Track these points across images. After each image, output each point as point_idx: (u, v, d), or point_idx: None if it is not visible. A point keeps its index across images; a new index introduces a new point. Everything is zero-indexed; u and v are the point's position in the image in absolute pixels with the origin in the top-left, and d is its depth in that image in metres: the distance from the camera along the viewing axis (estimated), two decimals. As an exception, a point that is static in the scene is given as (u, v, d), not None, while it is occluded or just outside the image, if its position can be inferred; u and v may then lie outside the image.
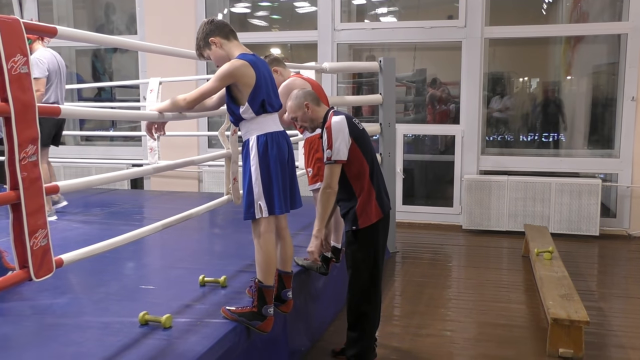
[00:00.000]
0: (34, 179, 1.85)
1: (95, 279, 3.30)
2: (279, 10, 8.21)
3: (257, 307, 2.62)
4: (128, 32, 8.00)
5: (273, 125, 2.65)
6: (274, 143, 2.60)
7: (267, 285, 2.63)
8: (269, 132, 2.60)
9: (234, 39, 2.69)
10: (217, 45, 2.65)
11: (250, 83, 2.55)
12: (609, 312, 4.17)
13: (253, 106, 2.57)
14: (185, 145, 7.11)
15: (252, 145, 2.59)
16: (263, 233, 2.61)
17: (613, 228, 6.46)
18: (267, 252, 2.62)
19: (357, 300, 3.14)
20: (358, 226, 3.04)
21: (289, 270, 2.86)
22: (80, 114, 2.40)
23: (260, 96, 2.57)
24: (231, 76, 2.55)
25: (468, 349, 3.57)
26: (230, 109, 2.65)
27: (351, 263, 3.15)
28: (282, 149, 2.63)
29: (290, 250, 2.87)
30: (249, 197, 2.59)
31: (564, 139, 7.16)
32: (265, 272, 2.63)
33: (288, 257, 2.85)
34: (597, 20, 6.82)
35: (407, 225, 6.84)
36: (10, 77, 1.74)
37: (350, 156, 3.00)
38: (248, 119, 2.61)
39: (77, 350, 2.31)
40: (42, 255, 1.91)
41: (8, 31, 1.74)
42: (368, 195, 3.04)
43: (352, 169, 3.02)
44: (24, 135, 1.80)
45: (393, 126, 5.62)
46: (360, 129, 3.11)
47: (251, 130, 2.61)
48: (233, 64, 2.56)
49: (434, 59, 8.00)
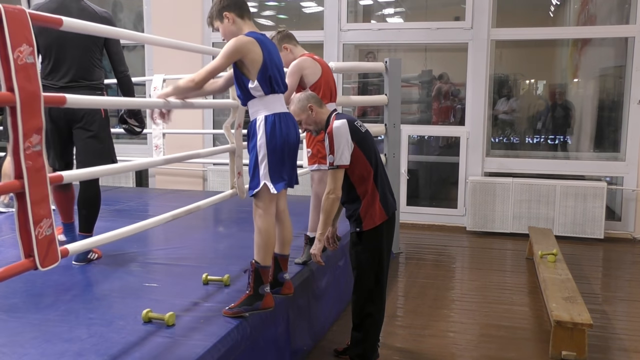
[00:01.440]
0: (38, 168, 1.86)
1: (99, 276, 3.32)
2: (286, 10, 8.22)
3: (253, 289, 2.63)
4: (135, 30, 8.01)
5: (280, 106, 2.67)
6: (282, 124, 2.61)
7: (265, 265, 2.65)
8: (276, 113, 2.62)
9: (247, 19, 2.71)
10: (230, 20, 2.66)
11: (257, 59, 2.55)
12: (612, 315, 4.16)
13: (262, 83, 2.57)
14: (191, 143, 7.12)
15: (260, 124, 2.60)
16: (264, 214, 2.63)
17: (618, 231, 6.44)
18: (267, 232, 2.64)
19: (362, 301, 3.14)
20: (362, 228, 3.04)
21: (287, 253, 2.88)
22: (85, 102, 2.40)
23: (268, 73, 2.58)
24: (237, 52, 2.55)
25: (471, 351, 3.57)
26: (241, 84, 2.64)
27: (356, 264, 3.15)
28: (289, 130, 2.65)
29: (289, 233, 2.89)
30: (254, 175, 2.61)
31: (570, 141, 7.14)
32: (263, 253, 2.64)
33: (286, 240, 2.87)
34: (605, 23, 6.80)
35: (411, 226, 6.84)
36: (16, 67, 1.76)
37: (353, 160, 2.99)
38: (257, 97, 2.61)
39: (80, 346, 2.32)
40: (48, 244, 1.92)
41: (14, 21, 1.75)
42: (372, 198, 3.04)
43: (356, 173, 3.02)
44: (29, 124, 1.81)
45: (398, 127, 5.62)
46: (363, 131, 3.10)
47: (260, 109, 2.62)
48: (239, 39, 2.56)
49: (440, 60, 7.99)
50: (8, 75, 1.75)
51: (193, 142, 7.19)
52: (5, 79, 1.76)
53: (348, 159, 2.97)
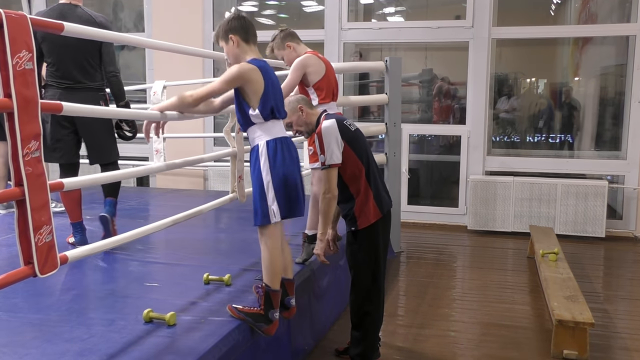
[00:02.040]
0: (38, 174, 1.86)
1: (100, 276, 3.32)
2: (286, 9, 8.22)
3: (263, 310, 2.62)
4: (136, 29, 8.02)
5: (280, 131, 2.65)
6: (284, 148, 2.59)
7: (275, 289, 2.63)
8: (277, 138, 2.60)
9: (252, 44, 2.71)
10: (235, 43, 2.66)
11: (258, 89, 2.55)
12: (614, 314, 4.15)
13: (263, 112, 2.56)
14: (191, 146, 7.11)
15: (262, 150, 2.58)
16: (271, 237, 2.60)
17: (619, 230, 6.43)
18: (275, 256, 2.62)
19: (360, 300, 3.13)
20: (357, 227, 3.04)
21: (291, 276, 2.85)
22: (80, 111, 2.40)
23: (269, 102, 2.57)
24: (239, 79, 2.56)
25: (472, 350, 3.57)
26: (242, 111, 2.63)
27: (352, 263, 3.15)
28: (291, 153, 2.63)
29: (289, 256, 2.87)
30: (262, 202, 2.56)
31: (571, 140, 7.13)
32: (272, 276, 2.62)
33: (288, 263, 2.84)
34: (606, 21, 6.79)
35: (412, 225, 6.83)
36: (15, 73, 1.75)
37: (344, 159, 2.99)
38: (257, 124, 2.60)
39: (81, 346, 2.32)
40: (47, 251, 1.92)
41: (15, 27, 1.75)
42: (365, 196, 3.03)
43: (347, 172, 3.01)
44: (26, 130, 1.81)
45: (399, 126, 5.61)
46: (353, 130, 3.10)
47: (260, 135, 2.60)
48: (242, 67, 2.56)
49: (441, 59, 7.98)
50: (6, 81, 1.75)
51: (194, 145, 7.18)
52: (4, 85, 1.75)
53: (339, 157, 2.97)
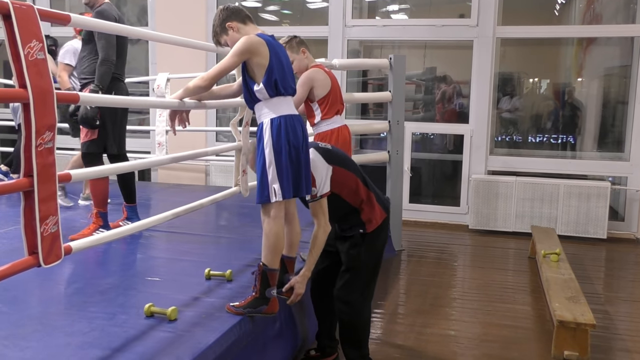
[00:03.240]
0: (48, 165, 1.86)
1: (101, 270, 3.31)
2: (290, 5, 8.19)
3: (259, 292, 2.62)
4: (139, 23, 8.00)
5: (287, 108, 2.62)
6: (288, 126, 2.57)
7: (272, 268, 2.63)
8: (282, 115, 2.58)
9: (250, 23, 2.71)
10: (235, 29, 2.66)
11: (263, 62, 2.54)
12: (615, 316, 4.15)
13: (267, 87, 2.55)
14: (193, 140, 7.11)
15: (266, 128, 2.57)
16: (273, 217, 2.59)
17: (621, 231, 6.43)
18: (276, 236, 2.60)
19: (360, 300, 3.04)
20: (366, 230, 2.97)
21: (294, 255, 2.86)
22: (98, 101, 2.40)
23: (273, 76, 2.56)
24: (247, 51, 2.55)
25: (472, 349, 3.56)
26: (247, 87, 2.63)
27: (354, 264, 3.01)
28: (297, 133, 2.60)
29: (298, 235, 2.85)
30: (262, 180, 2.57)
31: (574, 140, 7.12)
32: (271, 256, 2.62)
33: (294, 243, 2.84)
34: (611, 22, 6.77)
35: (414, 223, 6.83)
36: (28, 63, 1.75)
37: (339, 179, 2.89)
38: (263, 100, 2.59)
39: (82, 340, 2.32)
40: (52, 241, 1.92)
41: (23, 17, 1.75)
42: (369, 202, 2.98)
43: (344, 190, 2.92)
44: (42, 121, 1.81)
45: (402, 124, 5.60)
46: (331, 148, 3.00)
47: (265, 112, 2.59)
48: (250, 38, 2.56)
49: (445, 58, 7.97)
50: (20, 71, 1.75)
51: (196, 139, 7.18)
52: (18, 76, 1.76)
53: (328, 185, 2.86)
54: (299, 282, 2.85)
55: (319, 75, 3.84)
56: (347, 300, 3.03)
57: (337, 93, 4.04)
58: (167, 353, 2.21)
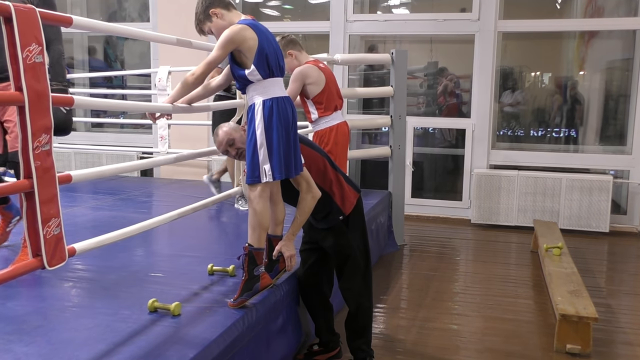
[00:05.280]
0: (47, 167, 1.87)
1: (104, 266, 3.32)
2: (291, 0, 8.18)
3: (247, 273, 2.64)
4: (140, 19, 8.00)
5: (279, 90, 2.65)
6: (279, 108, 2.60)
7: (259, 247, 2.66)
8: (274, 97, 2.60)
9: (233, 9, 2.73)
10: (218, 16, 2.67)
11: (252, 46, 2.55)
12: (617, 309, 4.15)
13: (260, 68, 2.57)
14: (196, 134, 7.12)
15: (258, 109, 2.59)
16: (259, 197, 2.62)
17: (623, 225, 6.42)
18: (262, 215, 2.63)
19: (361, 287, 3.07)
20: (344, 214, 3.00)
21: (279, 234, 2.89)
22: (93, 104, 2.41)
23: (264, 57, 2.57)
24: (232, 42, 2.56)
25: (475, 343, 3.57)
26: (236, 74, 2.65)
27: (348, 252, 3.03)
28: (287, 114, 2.64)
29: (282, 214, 2.89)
30: (253, 161, 2.59)
31: (575, 134, 7.11)
32: (257, 235, 2.65)
33: (279, 221, 2.88)
34: (613, 15, 6.75)
35: (416, 218, 6.83)
36: (25, 66, 1.76)
37: (307, 159, 2.87)
38: (255, 82, 2.61)
39: (86, 335, 2.33)
40: (55, 243, 1.93)
41: (24, 20, 1.75)
42: (338, 182, 3.00)
43: (313, 169, 2.92)
44: (37, 124, 1.81)
45: (404, 119, 5.60)
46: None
47: (257, 94, 2.61)
48: (233, 29, 2.57)
49: (446, 52, 7.95)
50: (17, 74, 1.75)
51: (198, 134, 7.18)
52: (15, 78, 1.76)
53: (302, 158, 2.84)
54: (285, 245, 2.87)
55: (311, 71, 3.81)
56: (350, 286, 3.08)
57: (332, 89, 4.01)
58: (171, 348, 2.22)
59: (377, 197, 5.38)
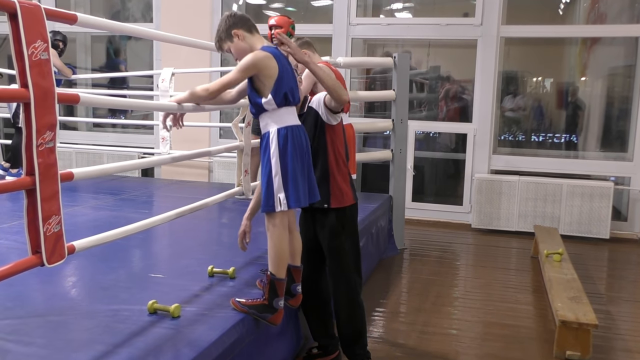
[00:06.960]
0: (49, 165, 1.86)
1: (104, 266, 3.32)
2: (294, 3, 8.19)
3: (267, 300, 2.62)
4: (143, 19, 8.01)
5: (293, 119, 2.64)
6: (294, 136, 2.59)
7: (280, 278, 2.63)
8: (289, 126, 2.59)
9: (256, 33, 2.69)
10: (240, 37, 2.64)
11: (272, 75, 2.54)
12: (617, 316, 4.15)
13: (276, 98, 2.56)
14: (197, 135, 7.12)
15: (273, 137, 2.57)
16: (278, 226, 2.60)
17: (624, 232, 6.42)
18: (281, 244, 2.62)
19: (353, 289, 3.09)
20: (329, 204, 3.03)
21: (298, 264, 2.85)
22: (98, 102, 2.41)
23: (283, 88, 2.56)
24: (254, 67, 2.54)
25: (474, 349, 3.57)
26: (253, 101, 2.64)
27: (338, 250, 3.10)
28: (301, 143, 2.63)
29: (299, 244, 2.86)
30: (268, 190, 2.57)
31: (577, 140, 7.11)
32: (278, 265, 2.63)
33: (296, 251, 2.84)
34: (615, 22, 6.75)
35: (416, 222, 6.83)
36: (31, 63, 1.75)
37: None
38: (270, 111, 2.60)
39: (86, 336, 2.33)
40: (55, 241, 1.92)
41: (29, 17, 1.75)
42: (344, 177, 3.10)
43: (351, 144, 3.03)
44: (42, 121, 1.81)
45: (405, 123, 5.60)
46: None
47: (272, 122, 2.60)
48: (256, 55, 2.55)
49: (449, 57, 7.95)
50: (22, 71, 1.75)
51: (199, 135, 7.19)
52: (20, 75, 1.76)
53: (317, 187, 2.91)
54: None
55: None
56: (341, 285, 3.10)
57: None
58: (170, 350, 2.21)
59: (378, 200, 5.37)
